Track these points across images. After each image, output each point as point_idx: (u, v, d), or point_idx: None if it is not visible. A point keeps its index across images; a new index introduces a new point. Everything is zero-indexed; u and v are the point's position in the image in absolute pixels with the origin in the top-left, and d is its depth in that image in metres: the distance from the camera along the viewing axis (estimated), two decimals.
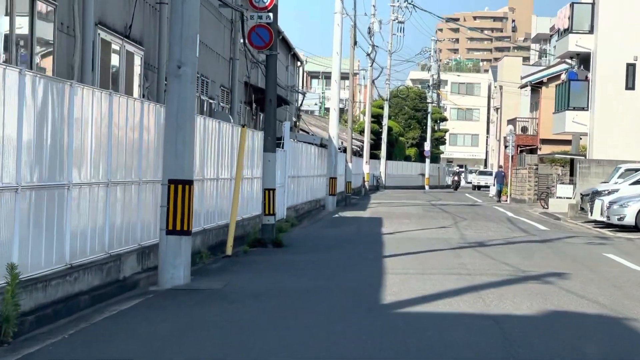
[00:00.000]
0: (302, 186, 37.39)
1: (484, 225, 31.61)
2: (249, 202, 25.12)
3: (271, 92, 22.20)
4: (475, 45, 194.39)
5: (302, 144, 37.49)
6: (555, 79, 59.62)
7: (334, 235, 25.74)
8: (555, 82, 59.42)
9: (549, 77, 59.90)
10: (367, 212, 39.08)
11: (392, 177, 79.29)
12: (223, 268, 17.13)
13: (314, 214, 37.55)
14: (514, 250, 21.75)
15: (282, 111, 47.42)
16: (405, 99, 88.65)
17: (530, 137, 61.09)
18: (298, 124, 54.77)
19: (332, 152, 40.85)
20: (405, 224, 31.03)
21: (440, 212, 39.49)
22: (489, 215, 38.69)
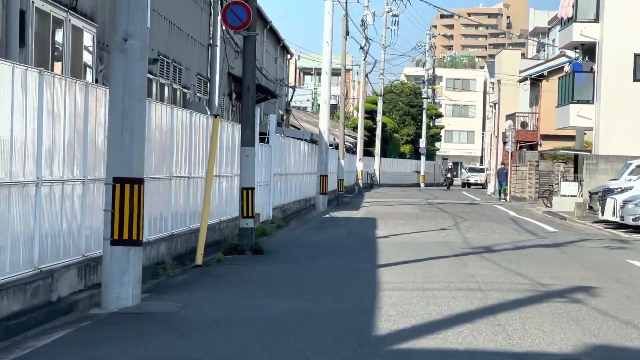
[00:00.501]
0: (291, 184, 34.66)
1: (487, 226, 28.85)
2: (228, 203, 22.36)
3: (249, 79, 19.41)
4: (469, 42, 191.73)
5: (291, 139, 34.73)
6: (556, 72, 56.86)
7: (322, 240, 22.96)
8: (557, 74, 56.66)
9: (549, 70, 57.15)
10: (360, 211, 36.33)
11: (386, 175, 76.54)
12: (187, 282, 14.34)
13: (304, 214, 34.78)
14: (526, 257, 18.99)
15: (270, 105, 44.63)
16: (399, 95, 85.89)
17: (530, 132, 58.37)
18: (288, 120, 51.98)
19: (323, 148, 38.09)
20: (401, 225, 28.27)
21: (439, 212, 36.74)
22: (491, 215, 35.94)
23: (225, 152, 21.53)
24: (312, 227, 28.13)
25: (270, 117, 29.79)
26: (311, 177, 39.58)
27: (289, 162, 34.34)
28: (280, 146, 31.90)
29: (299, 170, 37.26)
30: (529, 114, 60.27)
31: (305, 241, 22.70)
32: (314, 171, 39.30)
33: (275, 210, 29.90)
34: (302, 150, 37.97)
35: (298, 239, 23.38)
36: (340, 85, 44.82)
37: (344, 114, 44.29)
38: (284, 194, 32.85)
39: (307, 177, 39.42)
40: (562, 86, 45.08)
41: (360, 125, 61.68)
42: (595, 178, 38.08)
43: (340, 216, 33.52)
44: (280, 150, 31.68)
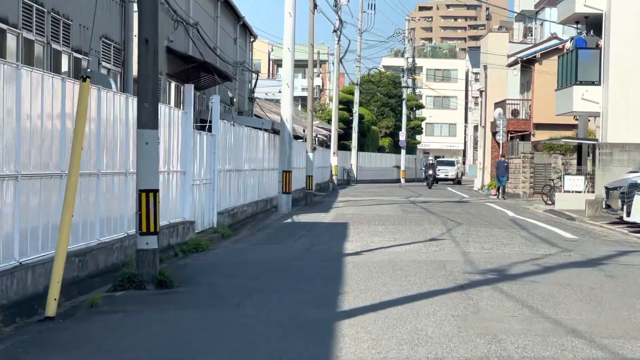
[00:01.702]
0: (246, 183, 28.22)
1: (488, 233, 22.46)
2: None
3: (147, 28, 12.86)
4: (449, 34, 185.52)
5: (245, 128, 28.27)
6: (551, 54, 50.53)
7: (270, 259, 16.50)
8: (551, 57, 50.39)
9: (543, 52, 50.84)
10: (330, 214, 29.88)
11: (364, 170, 70.13)
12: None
13: (261, 219, 28.33)
14: (563, 289, 12.57)
15: (225, 93, 38.10)
16: (377, 85, 79.45)
17: (522, 121, 52.07)
18: (252, 109, 45.45)
19: (286, 139, 31.62)
20: (379, 233, 21.84)
21: (425, 213, 30.34)
22: (487, 217, 29.58)
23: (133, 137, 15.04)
24: (265, 238, 21.66)
25: (213, 99, 23.31)
26: (273, 174, 33.15)
27: (243, 155, 27.95)
28: (230, 136, 25.48)
29: (258, 166, 30.85)
30: (520, 100, 53.94)
31: (247, 261, 16.24)
32: (277, 167, 32.93)
33: (222, 216, 23.47)
34: (262, 141, 31.53)
35: (239, 258, 16.92)
36: (309, 66, 38.28)
37: (312, 99, 37.79)
38: (236, 194, 26.41)
39: (269, 174, 32.98)
40: (562, 66, 38.75)
41: (334, 116, 55.23)
42: (609, 170, 31.80)
43: (305, 221, 27.08)
44: (230, 141, 25.27)
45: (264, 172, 32.24)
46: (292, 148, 35.70)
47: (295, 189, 39.00)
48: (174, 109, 19.33)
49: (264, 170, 32.19)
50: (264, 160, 32.05)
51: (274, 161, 33.18)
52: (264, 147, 32.31)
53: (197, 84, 31.33)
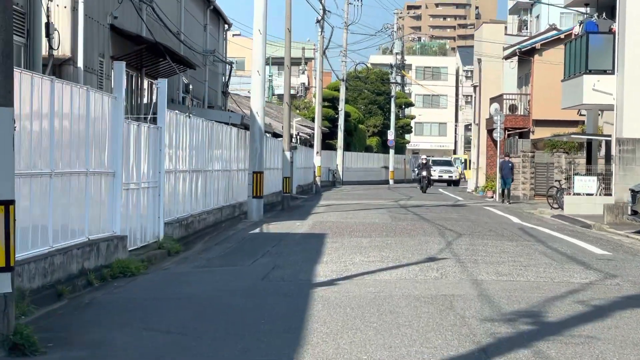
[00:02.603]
0: (209, 186, 23.66)
1: (498, 247, 17.83)
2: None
3: None
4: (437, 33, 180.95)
5: (207, 122, 23.66)
6: (553, 43, 46.05)
7: (208, 292, 11.85)
8: (553, 47, 45.91)
9: (543, 42, 46.33)
10: (308, 222, 25.20)
11: (350, 171, 65.49)
12: None
13: (225, 228, 23.69)
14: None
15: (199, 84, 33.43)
16: (365, 82, 74.78)
17: (521, 117, 47.53)
18: (225, 103, 40.80)
19: (257, 135, 26.96)
20: (362, 249, 17.20)
21: (418, 221, 25.71)
22: (490, 224, 24.99)
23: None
24: (220, 255, 17.01)
25: (159, 84, 18.68)
26: (245, 176, 28.53)
27: (207, 154, 23.39)
28: (185, 130, 20.91)
29: (226, 166, 26.26)
30: (518, 94, 49.40)
31: (178, 296, 11.59)
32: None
33: (171, 227, 18.84)
34: (231, 138, 26.95)
35: (170, 290, 12.29)
36: (285, 55, 33.54)
37: (289, 90, 33.06)
38: (194, 199, 21.81)
39: (240, 176, 28.38)
40: (570, 53, 34.18)
41: (318, 113, 50.57)
42: (631, 170, 27.22)
43: (276, 231, 22.42)
44: (183, 136, 20.69)
45: (233, 173, 27.64)
46: (265, 145, 31.13)
47: (270, 192, 34.41)
48: (94, 92, 14.68)
49: (233, 171, 27.60)
50: (232, 160, 27.43)
51: (245, 161, 28.57)
52: (234, 145, 27.72)
53: (152, 71, 26.68)
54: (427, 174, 51.07)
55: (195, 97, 34.85)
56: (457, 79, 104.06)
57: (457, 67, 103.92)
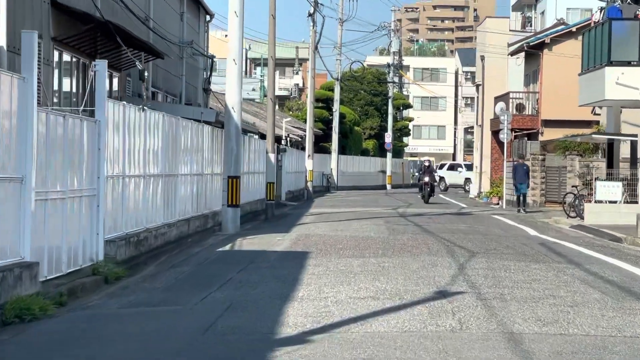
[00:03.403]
0: (174, 193, 19.72)
1: (525, 272, 13.82)
2: None
3: None
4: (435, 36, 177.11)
5: (169, 118, 19.70)
6: (564, 37, 42.14)
7: (125, 355, 7.86)
8: (564, 40, 41.97)
9: (553, 36, 42.36)
10: (291, 236, 21.16)
11: (346, 176, 61.47)
12: None
13: (191, 244, 19.67)
14: None
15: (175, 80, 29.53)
16: (361, 82, 70.73)
17: (529, 117, 43.54)
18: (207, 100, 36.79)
19: (232, 133, 22.93)
20: (352, 277, 13.19)
21: (420, 234, 21.69)
22: (505, 238, 20.98)
23: None
24: (166, 287, 12.95)
25: (97, 66, 14.70)
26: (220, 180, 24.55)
27: (169, 155, 19.46)
28: (140, 126, 17.01)
29: (195, 169, 22.32)
30: (525, 93, 45.42)
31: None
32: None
33: (115, 245, 14.91)
34: (201, 137, 22.98)
35: (66, 352, 8.28)
36: (269, 45, 29.42)
37: (272, 82, 28.95)
38: (151, 210, 17.87)
39: (214, 181, 24.38)
40: (589, 43, 30.23)
41: (310, 113, 46.55)
42: None
43: (249, 248, 18.39)
44: (134, 133, 16.76)
45: (206, 178, 23.68)
46: (248, 147, 27.23)
47: (254, 199, 30.45)
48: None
49: (206, 176, 23.63)
50: (205, 162, 23.47)
51: (222, 164, 24.55)
52: (208, 146, 23.77)
53: (113, 60, 22.65)
54: (430, 180, 41.48)
55: (170, 92, 30.87)
56: (457, 80, 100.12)
57: (457, 68, 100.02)
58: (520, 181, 34.13)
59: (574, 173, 37.04)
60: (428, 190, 41.15)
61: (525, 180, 34.21)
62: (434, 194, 43.10)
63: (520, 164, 34.79)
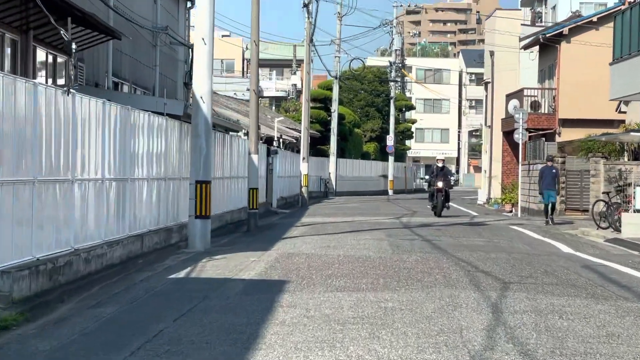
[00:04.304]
0: (114, 202, 15.35)
1: (592, 320, 9.44)
2: None
3: None
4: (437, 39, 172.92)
5: (113, 107, 15.35)
6: (583, 28, 37.77)
7: None
8: (584, 32, 37.61)
9: (572, 27, 37.96)
10: (269, 256, 16.67)
11: (345, 180, 57.06)
12: None
13: (142, 266, 15.31)
14: None
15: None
16: (361, 82, 66.31)
17: (545, 116, 39.12)
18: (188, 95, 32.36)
19: (201, 129, 18.52)
20: (340, 332, 8.81)
21: (431, 252, 17.23)
22: (537, 259, 16.54)
23: None
24: (62, 346, 8.56)
25: None
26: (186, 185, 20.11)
27: (116, 154, 15.14)
28: (67, 114, 12.71)
29: (156, 172, 18.00)
30: (541, 89, 41.00)
31: None
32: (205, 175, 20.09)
33: (11, 277, 10.55)
34: (164, 134, 18.64)
35: None
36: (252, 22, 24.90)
37: (256, 70, 24.40)
38: (80, 225, 13.48)
39: (185, 186, 19.96)
40: (622, 28, 25.90)
41: (305, 112, 42.15)
42: None
43: (210, 275, 13.93)
44: (57, 123, 12.44)
45: (173, 183, 19.35)
46: (224, 146, 22.91)
47: (236, 207, 26.14)
48: None
49: (173, 181, 19.30)
50: (171, 164, 19.13)
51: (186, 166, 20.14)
52: (175, 145, 19.45)
53: (55, 39, 18.28)
54: (444, 186, 30.88)
55: (139, 85, 26.49)
56: (461, 82, 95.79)
57: (461, 69, 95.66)
58: (548, 187, 28.33)
59: (599, 177, 32.68)
60: (442, 199, 30.80)
61: (554, 187, 28.57)
62: (449, 204, 32.08)
63: (548, 167, 29.05)
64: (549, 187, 28.20)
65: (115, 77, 23.58)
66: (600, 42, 35.61)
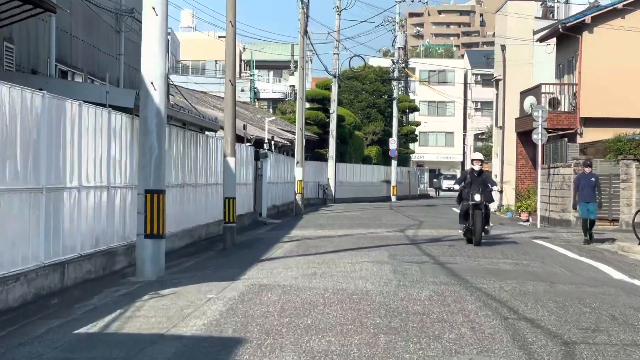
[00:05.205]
0: (32, 218, 11.18)
1: None
2: None
3: None
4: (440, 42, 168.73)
5: (34, 95, 11.13)
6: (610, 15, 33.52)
7: None
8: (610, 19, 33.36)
9: (595, 15, 33.66)
10: (232, 291, 12.38)
11: (345, 186, 52.79)
12: None
13: (56, 307, 11.06)
14: None
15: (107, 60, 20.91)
16: (362, 82, 62.06)
17: (565, 115, 34.81)
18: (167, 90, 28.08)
19: (151, 124, 14.30)
20: None
21: (446, 284, 12.93)
22: (593, 294, 12.28)
23: None
24: None
25: None
26: None
27: (31, 156, 10.97)
28: None
29: (94, 180, 13.81)
30: (560, 85, 36.71)
31: None
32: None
33: None
34: (108, 132, 14.46)
35: None
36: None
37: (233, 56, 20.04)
38: None
39: (130, 195, 15.70)
40: None
41: (300, 110, 37.89)
42: None
43: (134, 330, 9.64)
44: None
45: (117, 191, 15.15)
46: (167, 142, 18.74)
47: (215, 219, 21.95)
48: None
49: (115, 189, 15.10)
50: (113, 168, 14.94)
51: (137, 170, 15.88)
52: (125, 143, 15.30)
53: None
54: (482, 199, 20.37)
55: (98, 76, 22.27)
56: (466, 82, 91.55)
57: (466, 70, 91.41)
58: (587, 199, 22.08)
59: (630, 182, 28.53)
60: (480, 217, 20.14)
61: (594, 197, 22.07)
62: (489, 227, 21.08)
63: (585, 174, 22.45)
64: (589, 199, 22.06)
65: (62, 64, 19.37)
66: (629, 29, 31.44)
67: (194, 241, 20.22)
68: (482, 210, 20.23)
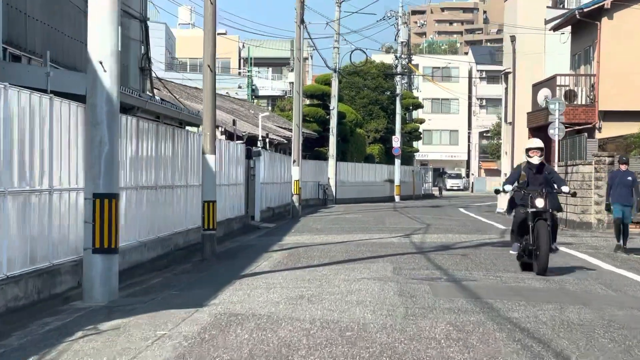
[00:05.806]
0: None
1: None
2: None
3: None
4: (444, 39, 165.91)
5: None
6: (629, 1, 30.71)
7: None
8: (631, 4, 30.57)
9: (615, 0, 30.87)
10: (195, 320, 9.62)
11: (346, 186, 49.99)
12: None
13: None
14: None
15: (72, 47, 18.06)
16: (364, 77, 59.24)
17: (582, 108, 32.05)
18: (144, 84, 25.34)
19: (100, 112, 11.51)
20: None
21: (467, 313, 10.13)
22: None
23: None
24: None
25: None
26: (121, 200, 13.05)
27: None
28: None
29: (21, 183, 10.99)
30: (576, 76, 33.90)
31: None
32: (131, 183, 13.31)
33: None
34: (52, 123, 11.68)
35: None
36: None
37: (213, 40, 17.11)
38: None
39: (75, 201, 12.89)
40: None
41: (297, 105, 35.10)
42: None
43: None
44: None
45: (69, 194, 12.42)
46: (118, 136, 15.98)
47: (188, 227, 19.17)
48: None
49: (70, 192, 12.38)
50: (54, 166, 12.19)
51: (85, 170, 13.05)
52: (76, 139, 12.56)
53: None
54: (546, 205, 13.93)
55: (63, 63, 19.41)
56: (470, 78, 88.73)
57: (470, 67, 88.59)
58: (623, 200, 18.73)
59: None
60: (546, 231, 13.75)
61: (630, 200, 18.65)
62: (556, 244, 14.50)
63: (621, 172, 19.03)
64: (625, 201, 18.70)
65: (14, 47, 16.56)
66: None
67: (168, 251, 17.44)
68: (547, 220, 13.86)
